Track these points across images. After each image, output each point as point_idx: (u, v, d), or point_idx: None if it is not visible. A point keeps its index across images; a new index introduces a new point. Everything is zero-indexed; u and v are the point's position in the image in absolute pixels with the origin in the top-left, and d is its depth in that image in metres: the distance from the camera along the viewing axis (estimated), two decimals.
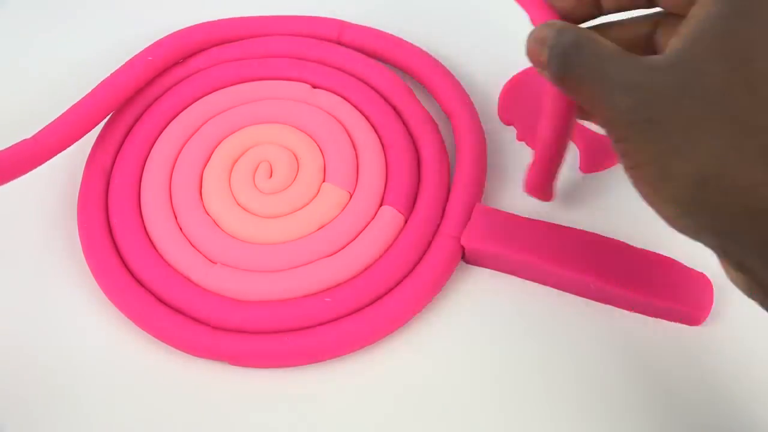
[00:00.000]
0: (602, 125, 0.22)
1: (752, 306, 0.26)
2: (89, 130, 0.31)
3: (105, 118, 0.32)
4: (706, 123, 0.19)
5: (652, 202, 0.21)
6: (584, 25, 0.25)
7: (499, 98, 0.34)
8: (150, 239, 0.30)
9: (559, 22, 0.24)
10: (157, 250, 0.29)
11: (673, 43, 0.21)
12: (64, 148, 0.31)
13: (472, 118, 0.33)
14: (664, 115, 0.20)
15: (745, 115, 0.19)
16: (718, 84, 0.19)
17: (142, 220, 0.30)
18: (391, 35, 0.36)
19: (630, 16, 0.25)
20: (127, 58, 0.35)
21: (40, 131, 0.30)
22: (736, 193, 0.19)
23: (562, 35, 0.23)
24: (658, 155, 0.20)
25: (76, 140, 0.31)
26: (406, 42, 0.35)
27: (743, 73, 0.19)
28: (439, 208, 0.30)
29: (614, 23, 0.26)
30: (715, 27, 0.20)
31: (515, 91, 0.35)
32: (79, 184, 0.32)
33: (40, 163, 0.30)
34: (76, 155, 0.33)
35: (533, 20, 0.26)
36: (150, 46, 0.35)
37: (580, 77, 0.22)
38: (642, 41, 0.25)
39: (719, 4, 0.20)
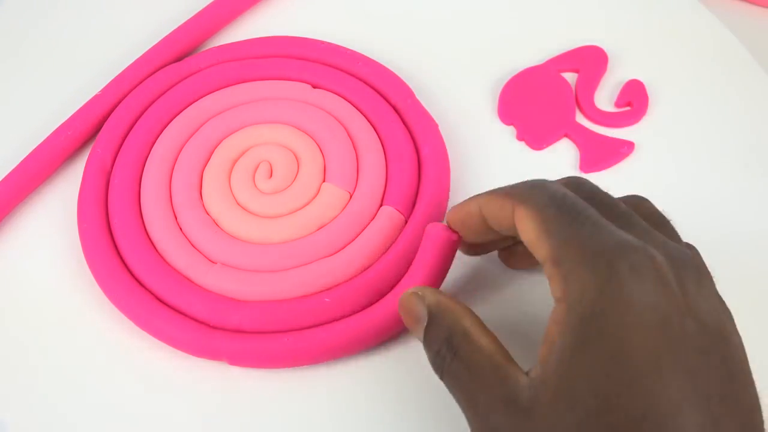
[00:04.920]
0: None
1: (752, 306, 0.26)
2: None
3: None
4: None
5: None
6: None
7: (499, 98, 0.35)
8: (150, 239, 0.30)
9: (431, 294, 0.24)
10: (157, 250, 0.29)
11: (535, 373, 0.21)
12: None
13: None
14: None
15: None
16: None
17: (142, 220, 0.30)
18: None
19: None
20: (126, 59, 0.35)
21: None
22: None
23: (435, 322, 0.23)
24: None
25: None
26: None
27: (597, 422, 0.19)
28: (440, 208, 0.30)
29: None
30: (564, 363, 0.20)
31: (514, 91, 0.35)
32: (79, 184, 0.31)
33: None
34: (76, 155, 0.33)
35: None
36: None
37: (451, 385, 0.22)
38: None
39: (567, 336, 0.20)
